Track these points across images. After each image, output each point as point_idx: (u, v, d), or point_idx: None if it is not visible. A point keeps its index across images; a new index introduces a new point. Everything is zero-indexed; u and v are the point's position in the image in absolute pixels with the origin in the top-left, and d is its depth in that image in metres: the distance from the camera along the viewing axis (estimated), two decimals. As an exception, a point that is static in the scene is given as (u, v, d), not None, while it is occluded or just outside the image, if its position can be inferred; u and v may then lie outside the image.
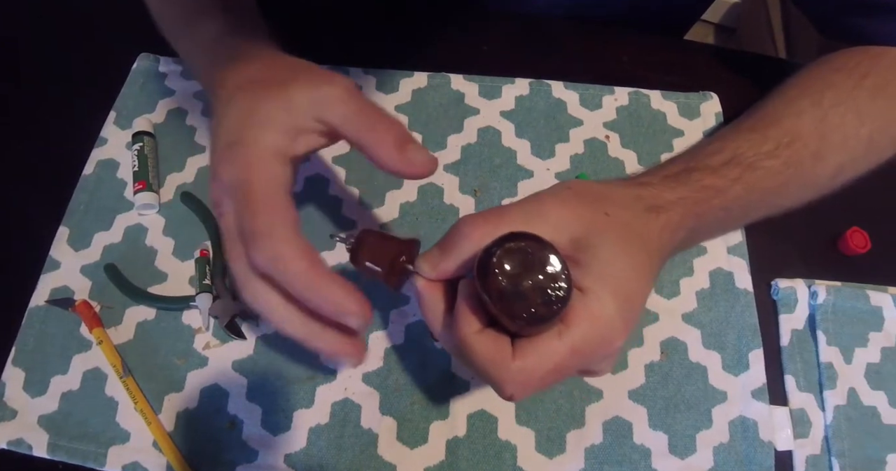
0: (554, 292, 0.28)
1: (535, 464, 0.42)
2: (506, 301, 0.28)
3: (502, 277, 0.28)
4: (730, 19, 1.54)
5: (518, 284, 0.28)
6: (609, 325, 0.30)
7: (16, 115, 0.56)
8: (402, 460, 0.42)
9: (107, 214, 0.50)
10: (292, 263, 0.29)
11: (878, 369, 0.44)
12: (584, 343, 0.29)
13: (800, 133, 0.41)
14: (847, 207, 0.50)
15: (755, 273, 0.47)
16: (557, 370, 0.30)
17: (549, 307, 0.28)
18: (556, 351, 0.29)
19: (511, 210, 0.32)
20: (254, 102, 0.33)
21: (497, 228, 0.30)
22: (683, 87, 0.55)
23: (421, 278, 0.32)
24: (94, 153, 0.52)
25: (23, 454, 0.42)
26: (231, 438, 0.42)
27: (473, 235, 0.31)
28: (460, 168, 0.51)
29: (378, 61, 0.56)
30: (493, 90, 0.55)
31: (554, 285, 0.28)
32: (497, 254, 0.28)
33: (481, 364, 0.30)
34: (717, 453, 0.42)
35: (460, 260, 0.31)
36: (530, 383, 0.29)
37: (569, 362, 0.29)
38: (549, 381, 0.30)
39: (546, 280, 0.28)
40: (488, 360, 0.29)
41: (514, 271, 0.28)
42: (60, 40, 0.60)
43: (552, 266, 0.28)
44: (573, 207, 0.32)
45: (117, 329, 0.46)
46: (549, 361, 0.29)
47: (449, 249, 0.31)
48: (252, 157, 0.32)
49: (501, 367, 0.29)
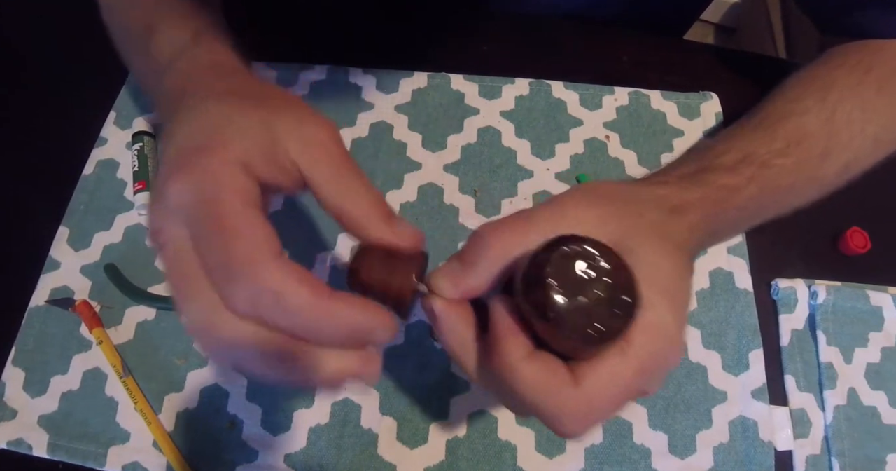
0: (621, 303, 0.24)
1: (535, 464, 0.42)
2: (565, 318, 0.24)
3: (559, 289, 0.24)
4: (730, 19, 1.54)
5: (578, 296, 0.24)
6: (670, 336, 0.26)
7: (16, 115, 0.56)
8: (402, 460, 0.42)
9: (107, 214, 0.50)
10: (292, 296, 0.23)
11: (878, 369, 0.44)
12: (650, 359, 0.26)
13: (808, 131, 0.40)
14: (847, 207, 0.50)
15: (755, 273, 0.47)
16: (624, 395, 0.26)
17: (617, 321, 0.24)
18: (621, 372, 0.25)
19: (537, 214, 0.28)
20: (231, 109, 0.28)
21: (526, 235, 0.27)
22: (683, 87, 0.55)
23: (438, 299, 0.27)
24: (94, 153, 0.52)
25: (23, 454, 0.42)
26: (231, 438, 0.42)
27: (499, 244, 0.27)
28: (460, 168, 0.51)
29: (378, 61, 0.56)
30: (493, 90, 0.55)
31: (619, 294, 0.24)
32: (550, 263, 0.24)
33: (533, 396, 0.25)
34: (717, 453, 0.42)
35: (488, 274, 0.27)
36: (594, 414, 0.25)
37: (635, 383, 0.26)
38: (614, 409, 0.26)
39: (609, 289, 0.24)
40: (542, 389, 0.25)
41: (571, 282, 0.24)
42: (60, 40, 0.60)
43: (614, 271, 0.24)
44: (604, 208, 0.29)
45: (117, 329, 0.46)
46: (614, 384, 0.25)
47: (472, 262, 0.27)
48: (221, 165, 0.25)
49: (559, 397, 0.25)
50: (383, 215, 0.27)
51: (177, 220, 0.25)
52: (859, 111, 0.42)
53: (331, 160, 0.27)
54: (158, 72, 0.36)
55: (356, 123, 0.53)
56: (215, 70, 0.33)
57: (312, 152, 0.27)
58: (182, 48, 0.36)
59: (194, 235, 0.24)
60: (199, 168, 0.25)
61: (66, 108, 0.56)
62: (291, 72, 0.56)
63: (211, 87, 0.30)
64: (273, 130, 0.27)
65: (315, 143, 0.27)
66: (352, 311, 0.24)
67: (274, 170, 0.27)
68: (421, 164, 0.52)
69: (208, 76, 0.32)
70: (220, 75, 0.32)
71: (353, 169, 0.28)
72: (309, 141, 0.27)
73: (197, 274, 0.24)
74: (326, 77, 0.55)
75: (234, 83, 0.31)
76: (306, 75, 0.55)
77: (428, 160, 0.52)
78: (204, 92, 0.30)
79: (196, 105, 0.28)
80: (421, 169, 0.51)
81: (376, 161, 0.52)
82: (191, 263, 0.24)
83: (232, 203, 0.24)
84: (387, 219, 0.27)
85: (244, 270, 0.23)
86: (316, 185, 0.27)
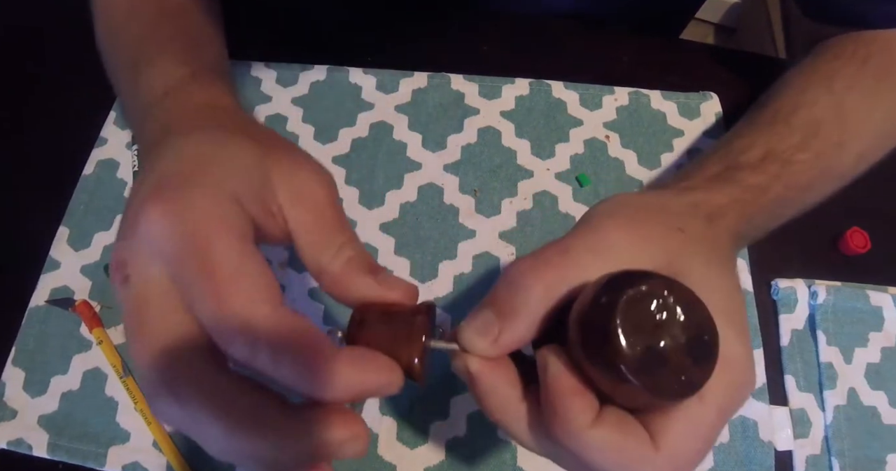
0: (700, 344, 0.21)
1: (535, 464, 0.42)
2: (643, 374, 0.20)
3: (630, 340, 0.20)
4: (730, 19, 1.54)
5: (653, 346, 0.20)
6: (744, 366, 0.24)
7: (16, 115, 0.56)
8: (402, 460, 0.42)
9: (107, 214, 0.50)
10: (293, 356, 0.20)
11: (878, 369, 0.44)
12: (729, 399, 0.23)
13: (821, 122, 0.40)
14: (847, 207, 0.50)
15: (755, 273, 0.47)
16: (709, 444, 0.23)
17: (700, 367, 0.21)
18: (703, 422, 0.22)
19: (574, 245, 0.25)
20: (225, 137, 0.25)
21: (566, 271, 0.24)
22: (683, 87, 0.55)
23: (474, 359, 0.24)
24: (94, 153, 0.52)
25: (23, 454, 0.42)
26: (231, 438, 0.42)
27: (539, 286, 0.23)
28: (460, 168, 0.51)
29: (378, 61, 0.56)
30: (493, 90, 0.55)
31: (696, 335, 0.21)
32: (617, 310, 0.20)
33: (612, 466, 0.22)
34: (717, 453, 0.42)
35: (530, 324, 0.23)
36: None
37: (718, 427, 0.23)
38: (700, 460, 0.23)
39: (685, 330, 0.21)
40: (622, 459, 0.22)
41: (642, 330, 0.20)
42: (61, 40, 0.60)
43: (687, 309, 0.21)
44: (642, 227, 0.26)
45: (117, 329, 0.46)
46: (698, 437, 0.22)
47: (511, 312, 0.23)
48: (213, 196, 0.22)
49: (643, 464, 0.22)
50: (366, 267, 0.24)
51: (150, 254, 0.22)
52: (867, 98, 0.41)
53: (316, 212, 0.25)
54: (145, 106, 0.33)
55: (356, 123, 0.53)
56: (208, 109, 0.30)
57: (300, 201, 0.25)
58: (176, 84, 0.33)
59: (176, 275, 0.21)
60: (184, 199, 0.22)
61: (66, 108, 0.56)
62: (291, 72, 0.56)
63: (201, 124, 0.28)
64: (267, 169, 0.25)
65: (305, 192, 0.25)
66: (355, 372, 0.21)
67: (262, 212, 0.24)
68: (421, 164, 0.52)
69: (199, 115, 0.30)
70: (212, 114, 0.30)
71: (337, 224, 0.25)
72: (299, 189, 0.25)
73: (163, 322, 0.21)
74: (326, 77, 0.55)
75: (227, 121, 0.29)
76: (306, 75, 0.55)
77: (428, 160, 0.52)
78: (192, 125, 0.28)
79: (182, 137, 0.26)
80: (421, 169, 0.51)
81: (376, 161, 0.52)
82: (159, 307, 0.21)
83: (225, 242, 0.21)
84: (371, 270, 0.24)
85: (239, 326, 0.20)
86: (297, 236, 0.25)
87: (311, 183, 0.25)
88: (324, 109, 0.54)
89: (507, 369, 0.24)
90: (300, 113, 0.54)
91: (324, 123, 0.53)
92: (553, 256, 0.24)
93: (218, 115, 0.29)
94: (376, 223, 0.49)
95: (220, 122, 0.28)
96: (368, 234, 0.49)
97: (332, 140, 0.53)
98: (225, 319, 0.21)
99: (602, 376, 0.21)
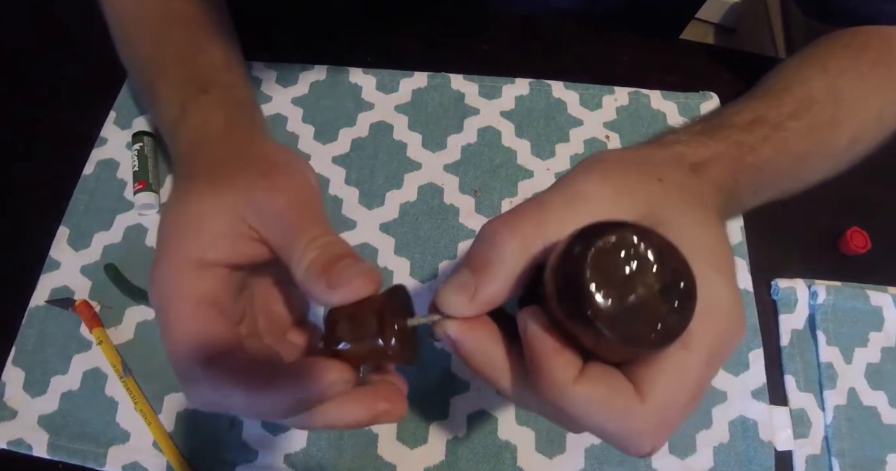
0: (676, 291, 0.20)
1: (535, 464, 0.42)
2: (618, 326, 0.20)
3: (604, 293, 0.20)
4: (730, 19, 1.54)
5: (627, 296, 0.20)
6: (731, 310, 0.23)
7: (16, 115, 0.56)
8: (402, 460, 0.42)
9: (107, 214, 0.50)
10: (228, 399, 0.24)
11: (878, 368, 0.44)
12: (717, 344, 0.23)
13: (814, 98, 0.39)
14: (847, 207, 0.50)
15: (755, 273, 0.47)
16: (697, 394, 0.23)
17: (677, 314, 0.20)
18: (689, 370, 0.22)
19: (549, 201, 0.25)
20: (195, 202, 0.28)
21: (542, 227, 0.24)
22: (683, 87, 0.55)
23: (452, 324, 0.24)
24: (94, 153, 0.52)
25: (23, 454, 0.42)
26: (231, 438, 0.42)
27: (513, 242, 0.23)
28: (460, 168, 0.51)
29: (378, 61, 0.56)
30: (493, 90, 0.55)
31: (672, 282, 0.21)
32: (587, 263, 0.20)
33: (595, 421, 0.22)
34: (717, 453, 0.42)
35: (506, 281, 0.23)
36: (669, 425, 0.22)
37: (707, 376, 0.23)
38: (690, 412, 0.23)
39: (660, 277, 0.20)
40: (604, 412, 0.22)
41: (615, 280, 0.20)
42: (61, 40, 0.60)
43: (661, 256, 0.21)
44: (619, 177, 0.26)
45: (117, 329, 0.46)
46: (685, 387, 0.22)
47: (485, 268, 0.23)
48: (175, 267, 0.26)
49: (626, 417, 0.22)
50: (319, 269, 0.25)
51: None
52: (861, 82, 0.41)
53: (279, 221, 0.27)
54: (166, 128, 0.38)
55: (356, 123, 0.53)
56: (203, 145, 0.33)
57: (266, 218, 0.27)
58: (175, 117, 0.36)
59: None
60: (157, 271, 0.27)
61: (66, 108, 0.56)
62: (291, 72, 0.56)
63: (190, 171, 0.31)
64: (236, 206, 0.27)
65: (268, 208, 0.27)
66: (292, 390, 0.23)
67: (244, 246, 0.27)
68: (421, 164, 0.52)
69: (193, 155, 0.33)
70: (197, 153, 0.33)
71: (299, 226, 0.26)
72: (261, 208, 0.27)
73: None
74: (326, 77, 0.55)
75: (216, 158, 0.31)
76: (306, 75, 0.55)
77: (428, 160, 0.52)
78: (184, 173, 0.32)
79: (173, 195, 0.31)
80: (421, 169, 0.51)
81: (376, 161, 0.52)
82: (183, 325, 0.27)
83: (177, 310, 0.26)
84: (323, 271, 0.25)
85: (183, 380, 0.25)
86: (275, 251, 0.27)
87: (268, 199, 0.27)
88: (324, 109, 0.54)
89: (487, 328, 0.24)
90: (300, 113, 0.54)
91: (324, 123, 0.53)
92: (528, 211, 0.24)
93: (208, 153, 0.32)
94: (376, 223, 0.49)
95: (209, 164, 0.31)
96: (368, 234, 0.49)
97: (332, 140, 0.53)
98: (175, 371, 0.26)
99: (579, 331, 0.21)
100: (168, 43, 0.41)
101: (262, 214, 0.27)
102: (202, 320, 0.26)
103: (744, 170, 0.33)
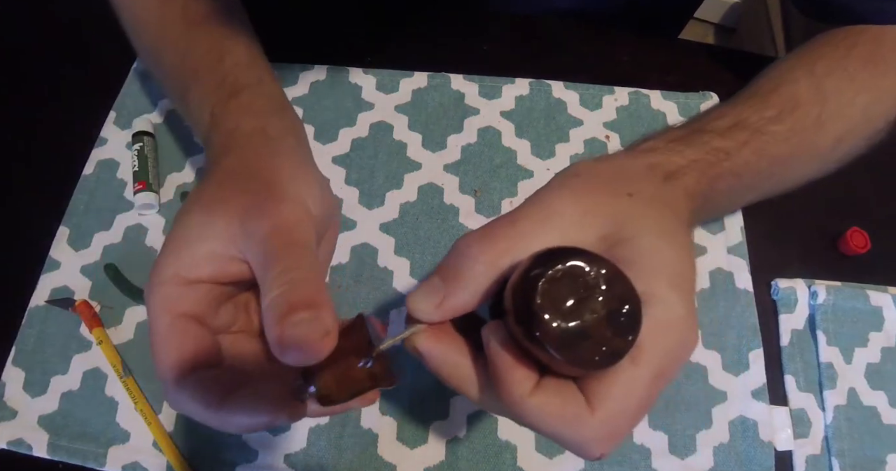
0: (622, 315, 0.22)
1: (535, 464, 0.42)
2: (564, 347, 0.22)
3: (552, 317, 0.22)
4: (730, 19, 1.54)
5: (574, 320, 0.22)
6: (682, 327, 0.25)
7: (16, 115, 0.56)
8: (402, 460, 0.42)
9: (107, 214, 0.50)
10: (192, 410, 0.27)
11: (878, 368, 0.44)
12: (666, 360, 0.24)
13: (800, 100, 0.40)
14: (847, 207, 0.50)
15: (755, 273, 0.47)
16: (645, 405, 0.24)
17: (623, 337, 0.22)
18: (638, 384, 0.24)
19: (518, 218, 0.26)
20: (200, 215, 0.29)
21: (513, 243, 0.25)
22: (683, 87, 0.55)
23: (419, 337, 0.26)
24: (94, 153, 0.52)
25: (23, 454, 0.42)
26: (231, 438, 0.42)
27: (484, 256, 0.25)
28: (460, 168, 0.51)
29: (378, 61, 0.56)
30: (493, 90, 0.55)
31: (618, 307, 0.22)
32: (538, 291, 0.22)
33: (551, 429, 0.24)
34: (717, 453, 0.42)
35: (473, 291, 0.25)
36: (618, 433, 0.24)
37: (655, 389, 0.24)
38: (638, 421, 0.25)
39: (607, 303, 0.22)
40: (556, 422, 0.24)
41: (564, 306, 0.22)
42: (61, 40, 0.60)
43: (609, 282, 0.22)
44: (589, 196, 0.27)
45: (117, 329, 0.46)
46: (633, 399, 0.24)
47: (454, 278, 0.25)
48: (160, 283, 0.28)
49: (577, 426, 0.24)
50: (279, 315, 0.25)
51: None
52: (848, 82, 0.42)
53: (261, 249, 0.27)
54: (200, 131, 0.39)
55: (356, 123, 0.53)
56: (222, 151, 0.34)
57: (249, 244, 0.28)
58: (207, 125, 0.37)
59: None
60: (149, 279, 0.28)
61: (66, 108, 0.56)
62: (291, 72, 0.56)
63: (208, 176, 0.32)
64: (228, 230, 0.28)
65: (252, 234, 0.28)
66: (240, 417, 0.26)
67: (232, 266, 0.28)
68: (421, 164, 0.52)
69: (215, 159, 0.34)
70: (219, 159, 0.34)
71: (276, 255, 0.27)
72: (248, 233, 0.28)
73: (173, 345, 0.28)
74: (326, 77, 0.55)
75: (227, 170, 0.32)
76: (306, 75, 0.55)
77: (428, 160, 0.52)
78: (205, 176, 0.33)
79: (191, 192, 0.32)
80: (421, 169, 0.51)
81: (376, 161, 0.52)
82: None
83: (158, 323, 0.27)
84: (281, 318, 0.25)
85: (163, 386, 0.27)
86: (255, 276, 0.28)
87: (255, 228, 0.28)
88: (324, 109, 0.54)
89: (453, 341, 0.26)
90: (300, 113, 0.54)
91: (324, 123, 0.53)
92: (501, 228, 0.26)
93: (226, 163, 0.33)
94: (376, 223, 0.49)
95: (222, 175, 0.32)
96: (368, 234, 0.49)
97: (332, 140, 0.53)
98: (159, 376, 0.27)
99: (533, 350, 0.23)
100: (193, 49, 0.41)
101: (248, 238, 0.28)
102: (178, 336, 0.27)
103: (720, 176, 0.34)
